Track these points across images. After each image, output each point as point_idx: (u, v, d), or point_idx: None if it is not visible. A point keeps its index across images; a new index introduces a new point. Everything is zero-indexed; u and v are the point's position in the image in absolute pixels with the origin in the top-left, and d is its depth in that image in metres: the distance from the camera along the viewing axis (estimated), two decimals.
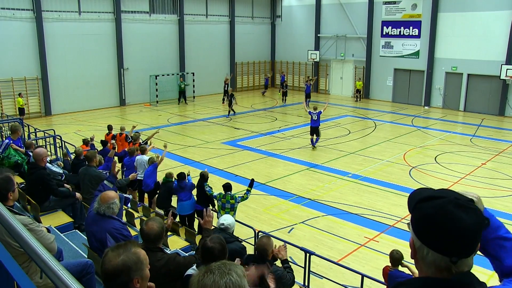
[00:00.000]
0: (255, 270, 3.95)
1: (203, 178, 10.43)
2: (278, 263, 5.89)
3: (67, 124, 24.32)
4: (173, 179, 10.83)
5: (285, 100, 32.17)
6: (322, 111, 19.70)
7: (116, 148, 13.44)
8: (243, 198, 9.82)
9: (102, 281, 2.61)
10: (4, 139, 11.37)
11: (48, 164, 8.62)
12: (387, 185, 15.14)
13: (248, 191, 9.95)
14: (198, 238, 8.21)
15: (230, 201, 9.65)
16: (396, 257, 6.92)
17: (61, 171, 9.46)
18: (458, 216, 1.46)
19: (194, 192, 10.70)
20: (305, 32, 37.34)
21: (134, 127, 16.82)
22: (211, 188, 10.27)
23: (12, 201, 4.25)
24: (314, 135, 19.66)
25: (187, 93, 32.36)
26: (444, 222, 1.46)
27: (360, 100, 32.94)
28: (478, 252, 1.60)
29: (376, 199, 13.90)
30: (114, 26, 29.17)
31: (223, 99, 30.59)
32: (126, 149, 13.50)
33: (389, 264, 7.01)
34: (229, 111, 26.93)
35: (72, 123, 24.48)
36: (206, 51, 34.99)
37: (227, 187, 9.90)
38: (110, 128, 16.34)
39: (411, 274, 6.74)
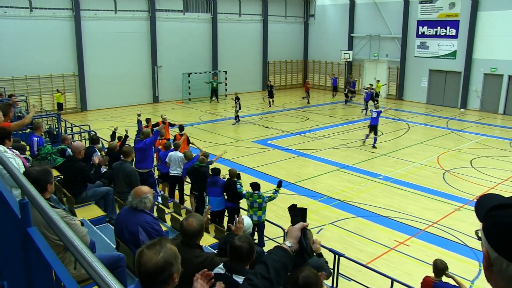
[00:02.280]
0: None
1: (233, 175, 10.42)
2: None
3: (101, 119, 24.85)
4: (206, 164, 10.92)
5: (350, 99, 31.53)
6: (382, 110, 20.12)
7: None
8: (271, 198, 9.74)
9: (142, 280, 2.62)
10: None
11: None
12: (419, 188, 14.90)
13: (276, 191, 9.87)
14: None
15: (257, 200, 9.63)
16: (440, 267, 6.43)
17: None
18: None
19: None
20: (338, 31, 37.05)
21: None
22: (242, 186, 10.27)
23: (49, 194, 4.37)
24: (372, 132, 19.75)
25: (219, 91, 32.59)
26: None
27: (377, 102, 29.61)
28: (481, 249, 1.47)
29: (407, 202, 13.70)
30: (148, 25, 29.64)
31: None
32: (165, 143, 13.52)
33: (431, 274, 6.54)
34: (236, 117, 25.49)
35: (106, 119, 24.98)
36: (239, 50, 35.15)
37: (255, 186, 9.86)
38: (148, 121, 16.77)
39: (457, 286, 6.37)
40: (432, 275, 6.53)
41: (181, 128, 15.37)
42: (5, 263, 3.43)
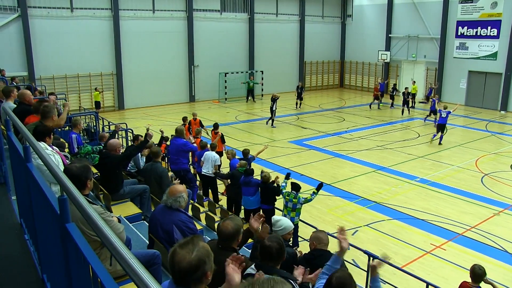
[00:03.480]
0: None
1: (267, 180, 10.15)
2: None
3: (138, 118, 25.27)
4: (246, 167, 10.86)
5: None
6: (451, 111, 20.40)
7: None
8: (307, 200, 9.66)
9: (176, 279, 2.65)
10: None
11: None
12: (456, 191, 14.55)
13: (314, 193, 9.77)
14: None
15: (293, 200, 9.60)
16: (478, 273, 6.28)
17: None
18: None
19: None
20: (376, 32, 36.57)
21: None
22: (286, 185, 10.19)
23: (88, 190, 4.47)
24: (440, 131, 20.44)
25: (256, 91, 32.68)
26: None
27: (413, 106, 29.48)
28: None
29: (444, 205, 13.41)
30: (186, 24, 29.98)
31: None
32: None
33: (468, 280, 6.37)
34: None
35: (143, 117, 25.39)
36: (276, 50, 35.13)
37: (295, 187, 9.81)
38: (184, 119, 17.06)
39: None
40: (469, 280, 6.37)
41: (216, 126, 15.45)
42: (45, 257, 3.54)
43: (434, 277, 8.99)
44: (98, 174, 8.70)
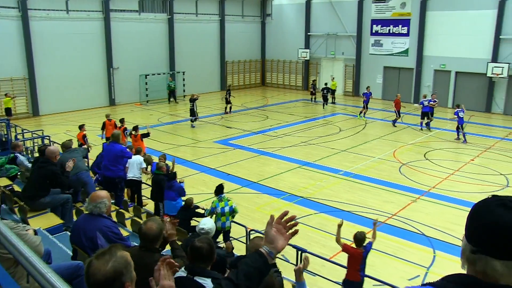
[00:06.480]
0: None
1: (189, 203, 9.83)
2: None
3: (56, 124, 24.10)
4: (164, 173, 10.89)
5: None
6: (431, 100, 22.97)
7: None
8: (235, 210, 9.57)
9: None
10: None
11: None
12: (378, 182, 15.19)
13: (223, 200, 9.55)
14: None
15: (228, 203, 9.52)
16: (359, 238, 7.59)
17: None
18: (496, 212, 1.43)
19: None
20: (295, 30, 37.36)
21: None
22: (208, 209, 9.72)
23: None
24: (425, 118, 22.99)
25: (177, 92, 32.27)
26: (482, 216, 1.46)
27: (334, 102, 30.82)
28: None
29: (368, 196, 13.94)
30: (103, 25, 28.98)
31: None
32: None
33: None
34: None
35: (61, 123, 24.26)
36: (197, 50, 34.86)
37: (218, 190, 9.61)
38: (122, 121, 17.20)
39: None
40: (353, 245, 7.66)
41: (135, 128, 15.47)
42: None
43: None
44: (14, 186, 8.24)
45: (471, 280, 1.45)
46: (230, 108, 27.40)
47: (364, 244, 7.67)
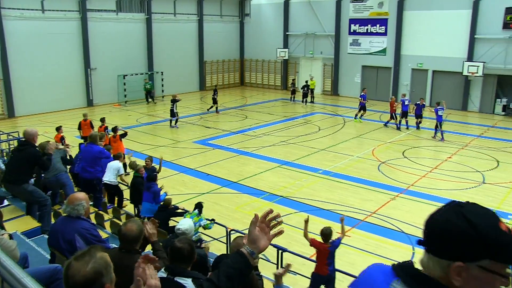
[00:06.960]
0: None
1: (168, 203, 9.79)
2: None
3: (33, 125, 23.63)
4: (142, 175, 10.83)
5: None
6: (411, 100, 23.54)
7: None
8: (206, 226, 9.33)
9: None
10: None
11: None
12: (357, 180, 15.32)
13: (203, 219, 9.34)
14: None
15: (194, 218, 9.10)
16: (326, 233, 7.89)
17: None
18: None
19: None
20: (274, 30, 37.42)
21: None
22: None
23: None
24: (403, 118, 23.16)
25: (156, 92, 32.03)
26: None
27: (312, 101, 30.97)
28: None
29: (347, 194, 14.05)
30: (80, 25, 28.58)
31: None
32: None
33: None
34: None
35: (38, 125, 23.86)
36: (175, 50, 34.65)
37: (198, 206, 9.40)
38: (102, 120, 17.13)
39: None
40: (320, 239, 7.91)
41: (114, 129, 15.33)
42: None
43: (341, 263, 9.32)
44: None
45: (414, 272, 1.57)
46: (217, 107, 27.44)
47: (332, 240, 7.89)
